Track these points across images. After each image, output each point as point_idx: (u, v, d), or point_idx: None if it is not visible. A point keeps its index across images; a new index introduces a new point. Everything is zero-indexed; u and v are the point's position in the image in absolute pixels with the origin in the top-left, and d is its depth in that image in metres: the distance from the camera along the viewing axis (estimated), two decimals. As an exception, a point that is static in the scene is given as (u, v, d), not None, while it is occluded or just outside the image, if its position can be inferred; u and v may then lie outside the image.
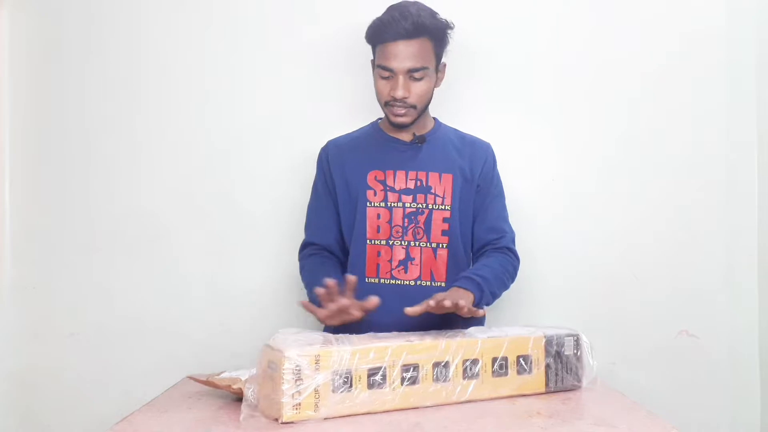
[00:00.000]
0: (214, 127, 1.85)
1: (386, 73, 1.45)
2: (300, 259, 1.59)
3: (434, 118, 1.62)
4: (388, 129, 1.57)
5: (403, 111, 1.46)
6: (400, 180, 1.51)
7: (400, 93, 1.43)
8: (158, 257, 1.84)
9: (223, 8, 1.86)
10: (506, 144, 1.74)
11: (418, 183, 1.51)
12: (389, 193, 1.50)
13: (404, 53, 1.42)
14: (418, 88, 1.45)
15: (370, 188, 1.51)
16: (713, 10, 1.87)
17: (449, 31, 1.49)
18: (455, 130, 1.63)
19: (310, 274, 1.51)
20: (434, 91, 1.52)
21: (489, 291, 1.43)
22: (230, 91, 1.85)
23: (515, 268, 1.55)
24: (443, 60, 1.52)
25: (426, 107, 1.52)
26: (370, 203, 1.50)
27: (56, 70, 1.86)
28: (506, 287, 1.53)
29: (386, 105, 1.48)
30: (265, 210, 1.84)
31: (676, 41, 1.87)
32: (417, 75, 1.44)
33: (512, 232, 1.59)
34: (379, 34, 1.45)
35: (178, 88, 1.85)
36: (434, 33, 1.45)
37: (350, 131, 1.64)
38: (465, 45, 1.63)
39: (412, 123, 1.50)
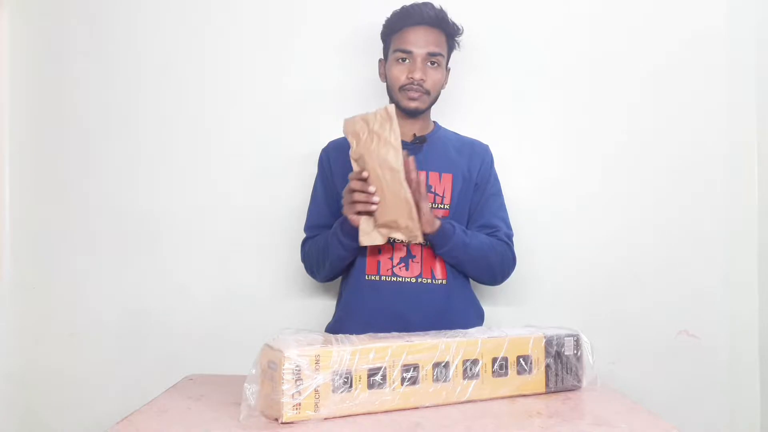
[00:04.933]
0: (214, 127, 1.85)
1: (404, 56, 1.48)
2: (302, 251, 1.59)
3: (434, 122, 1.63)
4: None
5: (417, 95, 1.48)
6: None
7: (418, 74, 1.46)
8: (158, 257, 1.84)
9: (222, 8, 1.86)
10: (507, 144, 1.75)
11: None
12: None
13: (425, 38, 1.47)
14: (433, 75, 1.49)
15: None
16: (713, 11, 1.87)
17: (457, 38, 1.54)
18: (454, 133, 1.64)
19: (319, 242, 1.51)
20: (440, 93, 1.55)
21: (461, 240, 1.43)
22: (230, 91, 1.85)
23: (507, 257, 1.52)
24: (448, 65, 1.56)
25: (434, 100, 1.54)
26: None
27: (56, 70, 1.86)
28: (488, 260, 1.49)
29: (401, 90, 1.49)
30: (264, 210, 1.84)
31: (676, 41, 1.87)
32: (434, 60, 1.48)
33: (510, 230, 1.56)
34: (402, 19, 1.49)
35: (178, 89, 1.85)
36: (449, 30, 1.51)
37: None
38: (465, 46, 1.63)
39: (423, 111, 1.52)
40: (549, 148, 1.86)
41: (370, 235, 1.36)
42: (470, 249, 1.46)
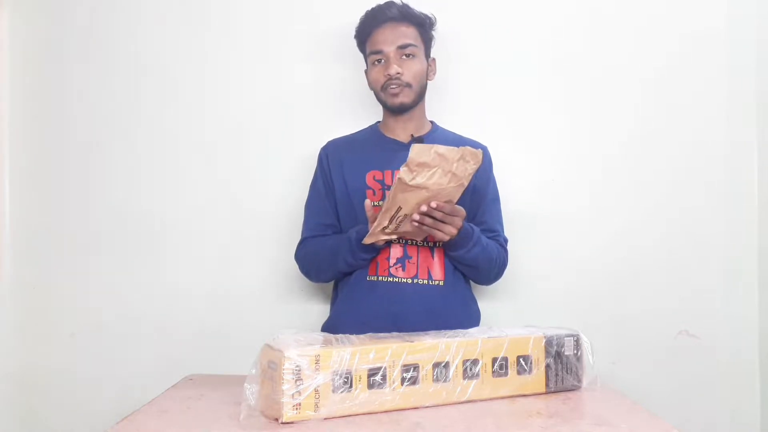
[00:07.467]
0: (214, 127, 1.85)
1: (378, 57, 1.50)
2: (300, 250, 1.58)
3: (431, 122, 1.63)
4: (387, 130, 1.58)
5: (398, 89, 1.49)
6: None
7: (393, 69, 1.47)
8: (158, 257, 1.84)
9: (222, 9, 1.86)
10: (506, 145, 1.74)
11: None
12: (386, 193, 1.50)
13: (392, 35, 1.49)
14: (410, 66, 1.49)
15: (369, 188, 1.51)
16: (713, 11, 1.87)
17: (432, 28, 1.55)
18: (453, 133, 1.64)
19: (320, 245, 1.52)
20: (428, 85, 1.55)
21: (477, 246, 1.43)
22: (230, 91, 1.85)
23: (504, 260, 1.56)
24: (432, 56, 1.56)
25: (421, 93, 1.54)
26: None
27: (56, 70, 1.86)
28: (489, 267, 1.51)
29: (383, 89, 1.50)
30: (265, 210, 1.84)
31: (677, 42, 1.87)
32: (407, 52, 1.48)
33: (505, 234, 1.60)
34: (368, 24, 1.52)
35: (178, 88, 1.86)
36: (418, 21, 1.52)
37: (351, 130, 1.65)
38: (464, 46, 1.63)
39: (411, 105, 1.52)
40: (549, 148, 1.86)
41: (375, 236, 1.36)
42: (486, 251, 1.47)
